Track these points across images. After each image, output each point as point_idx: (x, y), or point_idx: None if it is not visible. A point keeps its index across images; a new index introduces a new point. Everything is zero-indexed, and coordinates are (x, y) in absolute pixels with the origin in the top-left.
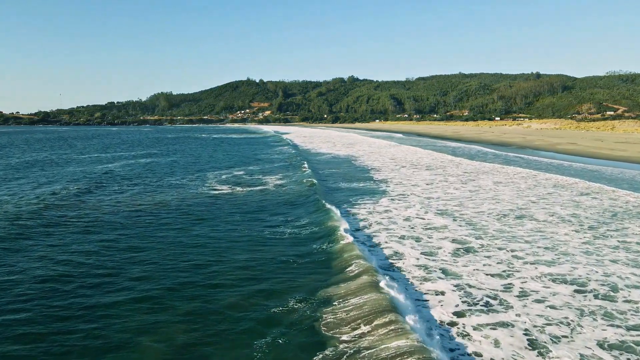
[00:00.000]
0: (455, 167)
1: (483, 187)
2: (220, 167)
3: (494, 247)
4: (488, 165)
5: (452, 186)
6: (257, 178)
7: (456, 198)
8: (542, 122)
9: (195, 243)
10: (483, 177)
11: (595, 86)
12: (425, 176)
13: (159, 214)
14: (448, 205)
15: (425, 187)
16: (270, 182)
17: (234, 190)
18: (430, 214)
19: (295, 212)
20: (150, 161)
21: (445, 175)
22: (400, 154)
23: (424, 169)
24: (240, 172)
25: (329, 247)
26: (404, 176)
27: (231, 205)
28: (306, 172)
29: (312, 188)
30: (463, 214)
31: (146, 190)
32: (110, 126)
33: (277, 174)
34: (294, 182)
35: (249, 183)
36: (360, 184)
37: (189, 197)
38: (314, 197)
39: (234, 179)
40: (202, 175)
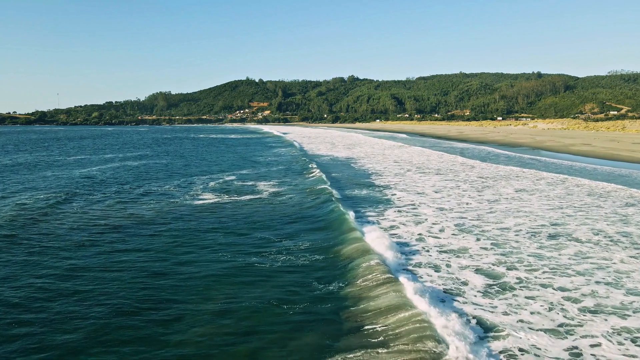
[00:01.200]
0: (468, 170)
1: (504, 195)
2: (212, 171)
3: (535, 282)
4: (504, 169)
5: (466, 194)
6: (250, 185)
7: (473, 209)
8: (548, 122)
9: (159, 276)
10: (501, 182)
11: (597, 86)
12: (435, 182)
13: (125, 232)
14: (465, 218)
15: (436, 196)
16: (266, 190)
17: (222, 199)
18: (446, 231)
19: (294, 228)
20: (138, 164)
21: (457, 181)
22: (406, 156)
23: (433, 174)
24: (231, 178)
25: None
26: (412, 182)
27: (216, 220)
28: (314, 176)
29: (326, 196)
30: (485, 231)
31: (121, 199)
32: (107, 126)
33: (274, 180)
34: (295, 190)
35: (240, 191)
36: (363, 191)
37: (166, 210)
38: (337, 211)
39: (224, 185)
40: (189, 180)
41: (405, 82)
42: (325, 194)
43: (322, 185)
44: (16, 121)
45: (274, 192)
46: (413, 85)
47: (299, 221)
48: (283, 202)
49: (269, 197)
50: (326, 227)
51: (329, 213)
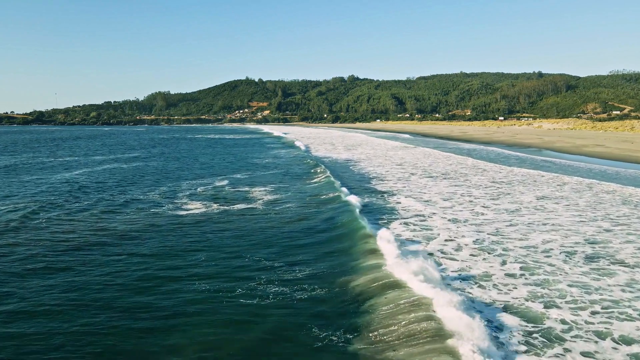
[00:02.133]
0: (480, 174)
1: (524, 204)
2: (204, 175)
3: (588, 329)
4: (519, 172)
5: (480, 202)
6: (243, 191)
7: (491, 221)
8: (554, 122)
9: (116, 314)
10: (519, 188)
11: (599, 85)
12: (444, 187)
13: (87, 254)
14: (482, 232)
15: (446, 204)
16: (260, 198)
17: (209, 209)
18: (464, 250)
19: (294, 247)
20: (127, 167)
21: (469, 187)
22: (410, 157)
23: (441, 178)
24: (223, 183)
25: None
26: (418, 187)
27: (198, 237)
28: (318, 182)
29: (337, 208)
30: (508, 250)
31: (96, 211)
32: (105, 126)
33: (270, 186)
34: (294, 198)
35: (232, 199)
36: (365, 199)
37: (143, 224)
38: (356, 226)
39: (214, 192)
40: (177, 186)
41: (406, 82)
42: (337, 204)
43: (331, 194)
44: (13, 121)
45: (270, 200)
46: (413, 85)
47: (301, 237)
48: (279, 213)
49: (264, 207)
50: (341, 249)
51: (342, 229)
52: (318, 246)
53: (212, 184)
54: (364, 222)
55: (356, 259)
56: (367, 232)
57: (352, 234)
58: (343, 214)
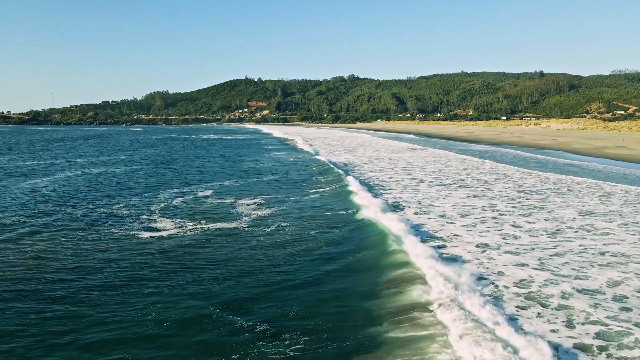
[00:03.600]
0: (501, 181)
1: (566, 222)
2: (188, 182)
3: None
4: (548, 178)
5: (510, 220)
6: (228, 204)
7: (530, 249)
8: (562, 122)
9: None
10: (554, 200)
11: (601, 85)
12: (460, 199)
13: (5, 295)
14: (524, 269)
15: (466, 222)
16: (247, 215)
17: (181, 231)
18: (506, 303)
19: (283, 300)
20: (103, 172)
21: (491, 198)
22: (418, 160)
23: (455, 186)
24: (207, 193)
25: None
26: (429, 198)
27: (157, 276)
28: (322, 192)
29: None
30: (567, 301)
31: (44, 229)
32: (100, 126)
33: (261, 197)
34: (290, 215)
35: (212, 214)
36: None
37: (93, 250)
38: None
39: (194, 204)
40: (153, 196)
41: (407, 82)
42: (349, 225)
43: (342, 210)
44: (9, 121)
45: (259, 217)
46: (414, 85)
47: (295, 275)
48: (269, 236)
49: (251, 227)
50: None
51: (353, 258)
52: (318, 288)
53: (194, 194)
54: (399, 247)
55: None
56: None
57: (372, 264)
58: (359, 238)
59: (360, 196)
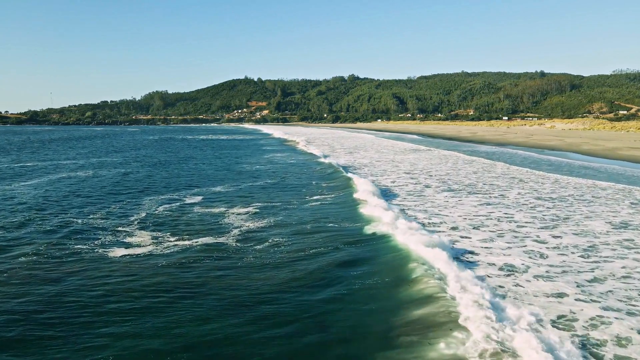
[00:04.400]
0: (516, 186)
1: (599, 236)
2: (177, 187)
3: None
4: (567, 182)
5: (532, 233)
6: (216, 214)
7: (562, 271)
8: (567, 122)
9: None
10: (579, 208)
11: (603, 85)
12: (472, 207)
13: None
14: (563, 298)
15: (482, 236)
16: (237, 227)
17: (156, 248)
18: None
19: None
20: (88, 175)
21: (507, 206)
22: (424, 162)
23: (466, 192)
24: (194, 200)
25: None
26: (437, 207)
27: (118, 303)
28: (330, 195)
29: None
30: (629, 348)
31: (1, 244)
32: (98, 126)
33: (256, 205)
34: (288, 225)
35: (197, 227)
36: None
37: (42, 270)
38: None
39: (177, 213)
40: (134, 203)
41: (407, 81)
42: (358, 240)
43: (347, 223)
44: (7, 121)
45: (251, 230)
46: (414, 85)
47: (287, 311)
48: (261, 255)
49: (239, 243)
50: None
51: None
52: (320, 335)
53: (180, 201)
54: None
55: None
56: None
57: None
58: (370, 259)
59: (369, 205)
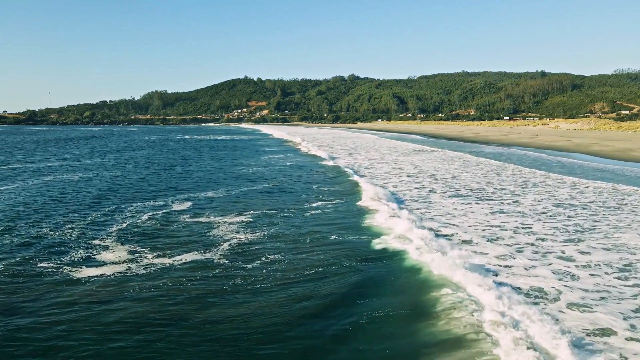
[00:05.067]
0: (530, 190)
1: (634, 251)
2: (166, 191)
3: None
4: (586, 186)
5: (554, 248)
6: (205, 224)
7: (599, 299)
8: (572, 122)
9: None
10: (607, 217)
11: (604, 85)
12: (483, 215)
13: None
14: (610, 337)
15: (498, 251)
16: (228, 239)
17: (133, 265)
18: None
19: None
20: (74, 179)
21: (523, 214)
22: (429, 165)
23: (476, 197)
24: (182, 207)
25: None
26: (444, 215)
27: (88, 349)
28: (332, 201)
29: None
30: None
31: None
32: (96, 126)
33: (252, 212)
34: (285, 237)
35: (182, 240)
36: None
37: (9, 295)
38: None
39: (161, 224)
40: (117, 210)
41: (407, 81)
42: (369, 261)
43: (352, 235)
44: (4, 121)
45: (242, 244)
46: (415, 84)
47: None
48: (252, 275)
49: (229, 260)
50: None
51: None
52: None
53: (167, 208)
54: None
55: None
56: None
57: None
58: (381, 281)
59: (377, 213)
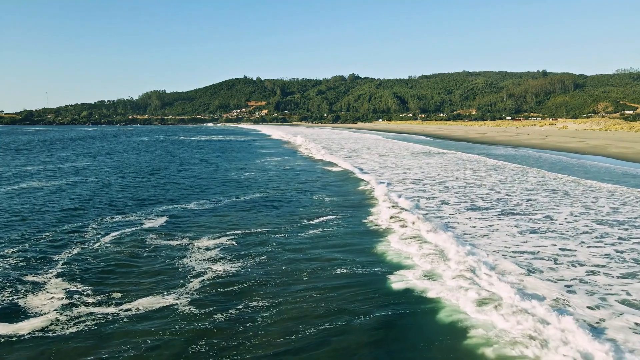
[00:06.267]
0: (563, 201)
1: None
2: (143, 202)
3: None
4: (627, 197)
5: (615, 285)
6: (178, 248)
7: None
8: (580, 122)
9: None
10: None
11: (606, 84)
12: (510, 236)
13: None
14: None
15: (547, 293)
16: (205, 272)
17: (64, 321)
18: None
19: None
20: (43, 186)
21: (561, 234)
22: (437, 169)
23: (498, 210)
24: (157, 222)
25: None
26: (463, 235)
27: None
28: (336, 217)
29: None
30: None
31: None
32: (93, 126)
33: (237, 232)
34: (276, 268)
35: (145, 274)
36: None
37: None
38: None
39: (126, 247)
40: (79, 227)
41: (408, 81)
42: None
43: (361, 267)
44: (0, 121)
45: (218, 281)
46: (415, 84)
47: None
48: (232, 334)
49: (197, 309)
50: None
51: None
52: None
53: (137, 226)
54: None
55: None
56: None
57: None
58: (403, 340)
59: (393, 236)
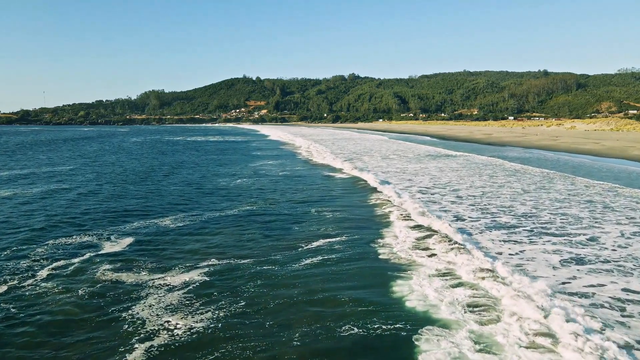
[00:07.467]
0: (602, 215)
1: None
2: (114, 217)
3: None
4: None
5: None
6: (135, 286)
7: None
8: (589, 123)
9: None
10: None
11: (609, 84)
12: (549, 266)
13: None
14: None
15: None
16: (155, 337)
17: None
18: None
19: None
20: (10, 195)
21: (616, 263)
22: (449, 175)
23: (527, 230)
24: (120, 246)
25: None
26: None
27: None
28: (338, 237)
29: None
30: None
31: None
32: (90, 126)
33: (215, 258)
34: (265, 311)
35: (70, 339)
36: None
37: None
38: None
39: (62, 288)
40: (22, 254)
41: (408, 81)
42: None
43: (371, 306)
44: None
45: (178, 345)
46: (416, 84)
47: None
48: None
49: None
50: None
51: None
52: None
53: (92, 251)
54: None
55: None
56: None
57: None
58: None
59: (422, 275)
